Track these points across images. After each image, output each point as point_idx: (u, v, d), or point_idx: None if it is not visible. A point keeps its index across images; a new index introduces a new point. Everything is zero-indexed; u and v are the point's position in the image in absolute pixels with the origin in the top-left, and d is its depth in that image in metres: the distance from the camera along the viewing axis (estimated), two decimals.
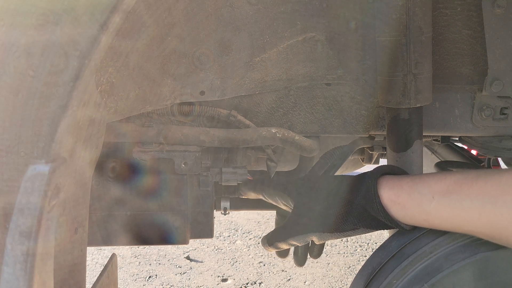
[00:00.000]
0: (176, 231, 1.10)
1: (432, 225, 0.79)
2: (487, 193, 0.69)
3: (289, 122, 1.11)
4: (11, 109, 0.64)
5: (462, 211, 0.72)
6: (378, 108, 1.09)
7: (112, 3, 0.64)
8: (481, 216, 0.69)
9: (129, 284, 2.59)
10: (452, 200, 0.73)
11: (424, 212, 0.77)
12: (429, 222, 0.78)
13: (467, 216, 0.71)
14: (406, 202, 0.80)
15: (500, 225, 0.67)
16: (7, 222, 0.64)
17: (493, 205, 0.68)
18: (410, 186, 0.80)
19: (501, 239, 0.70)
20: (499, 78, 1.02)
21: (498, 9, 0.97)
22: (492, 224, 0.68)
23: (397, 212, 0.81)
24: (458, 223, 0.73)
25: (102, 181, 1.07)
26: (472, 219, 0.70)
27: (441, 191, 0.75)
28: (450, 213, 0.74)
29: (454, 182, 0.75)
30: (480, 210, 0.69)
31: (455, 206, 0.73)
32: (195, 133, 1.06)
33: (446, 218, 0.75)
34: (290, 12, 0.99)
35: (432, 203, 0.75)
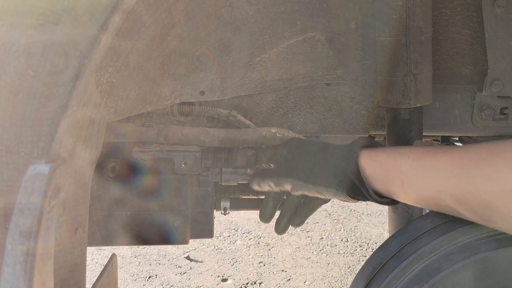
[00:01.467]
0: (176, 231, 1.10)
1: (405, 186, 0.81)
2: (457, 159, 0.75)
3: (289, 122, 1.11)
4: (11, 109, 0.64)
5: (433, 171, 0.77)
6: (378, 108, 1.09)
7: (112, 3, 0.64)
8: (450, 178, 0.74)
9: (129, 284, 2.59)
10: (426, 162, 0.79)
11: (399, 171, 0.81)
12: (403, 182, 0.81)
13: (437, 176, 0.76)
14: (384, 160, 0.84)
15: (464, 187, 0.72)
16: (7, 222, 0.64)
17: (461, 169, 0.73)
18: (391, 148, 0.88)
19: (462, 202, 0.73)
20: (499, 78, 1.02)
21: (498, 9, 0.97)
22: (458, 185, 0.73)
23: (374, 170, 0.85)
24: (428, 183, 0.77)
25: (102, 181, 1.07)
26: (441, 180, 0.75)
27: (417, 152, 0.81)
28: (423, 173, 0.78)
29: (429, 149, 0.81)
30: (449, 173, 0.74)
31: (428, 167, 0.78)
32: (195, 133, 1.06)
33: (418, 178, 0.79)
34: (290, 12, 0.99)
35: (408, 162, 0.80)
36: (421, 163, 0.80)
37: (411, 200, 0.82)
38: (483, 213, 0.71)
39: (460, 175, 0.73)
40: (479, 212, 0.71)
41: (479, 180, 0.70)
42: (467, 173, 0.72)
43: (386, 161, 0.84)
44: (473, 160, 0.72)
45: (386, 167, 0.84)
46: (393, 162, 0.83)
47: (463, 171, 0.73)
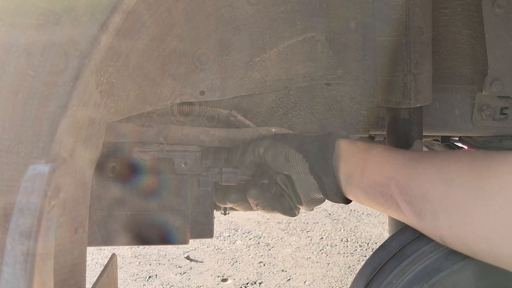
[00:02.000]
0: (176, 231, 1.10)
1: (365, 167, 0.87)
2: (412, 154, 0.82)
3: (289, 122, 1.11)
4: (11, 109, 0.64)
5: (393, 160, 0.84)
6: (378, 108, 1.09)
7: (112, 3, 0.64)
8: (403, 166, 0.80)
9: (129, 284, 2.59)
10: (391, 152, 0.86)
11: (367, 154, 0.88)
12: (364, 164, 0.88)
13: (393, 164, 0.83)
14: (360, 144, 0.93)
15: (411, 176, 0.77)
16: (7, 222, 0.64)
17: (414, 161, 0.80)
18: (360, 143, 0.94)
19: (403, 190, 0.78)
20: (499, 78, 1.02)
21: (498, 9, 0.97)
22: (407, 174, 0.79)
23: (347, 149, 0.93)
24: (384, 168, 0.83)
25: (102, 181, 1.07)
26: (395, 167, 0.81)
27: (379, 147, 0.88)
28: (384, 159, 0.85)
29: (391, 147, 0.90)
30: (404, 162, 0.81)
31: (391, 156, 0.85)
32: (195, 133, 1.06)
33: (378, 163, 0.86)
34: (290, 12, 0.99)
35: (377, 149, 0.88)
36: (386, 152, 0.87)
37: (363, 188, 0.87)
38: (417, 204, 0.75)
39: (412, 164, 0.79)
40: (414, 203, 0.76)
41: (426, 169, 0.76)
42: (418, 163, 0.78)
43: (359, 145, 0.93)
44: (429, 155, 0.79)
45: (358, 148, 0.92)
46: (365, 147, 0.91)
47: (416, 161, 0.79)
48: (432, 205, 0.72)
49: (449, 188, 0.71)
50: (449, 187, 0.71)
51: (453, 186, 0.70)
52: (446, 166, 0.73)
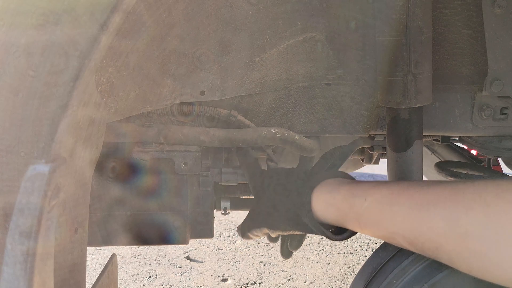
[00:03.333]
0: (176, 231, 1.10)
1: (362, 226, 0.82)
2: (414, 201, 0.73)
3: (289, 122, 1.11)
4: (11, 109, 0.64)
5: (390, 214, 0.76)
6: (378, 108, 1.09)
7: (112, 3, 0.64)
8: (405, 220, 0.73)
9: (129, 284, 2.59)
10: (382, 204, 0.78)
11: (356, 213, 0.81)
12: (360, 223, 0.81)
13: (393, 219, 0.75)
14: (341, 204, 0.84)
15: (420, 230, 0.71)
16: (7, 222, 0.64)
17: (417, 212, 0.72)
18: (347, 189, 0.85)
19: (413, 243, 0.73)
20: (499, 78, 1.02)
21: (498, 9, 0.97)
22: (414, 229, 0.72)
23: (332, 214, 0.86)
24: (384, 225, 0.77)
25: (102, 181, 1.07)
26: (397, 222, 0.75)
27: (374, 194, 0.79)
28: (379, 215, 0.78)
29: (387, 188, 0.79)
30: (404, 215, 0.74)
31: (384, 209, 0.77)
32: (195, 133, 1.06)
33: (375, 220, 0.79)
34: (290, 12, 0.99)
35: (364, 205, 0.79)
36: (377, 205, 0.79)
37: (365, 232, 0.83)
38: (432, 254, 0.72)
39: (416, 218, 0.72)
40: (429, 253, 0.72)
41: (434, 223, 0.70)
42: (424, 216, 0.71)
43: (342, 206, 0.84)
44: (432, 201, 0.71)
45: (342, 211, 0.84)
46: (350, 205, 0.83)
47: (420, 213, 0.72)
48: (449, 256, 0.69)
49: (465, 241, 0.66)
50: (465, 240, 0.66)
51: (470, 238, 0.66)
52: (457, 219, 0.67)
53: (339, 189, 0.87)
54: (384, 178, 3.95)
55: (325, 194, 0.88)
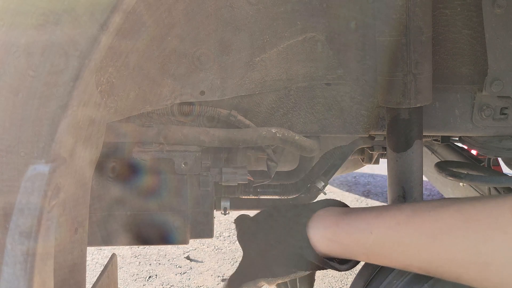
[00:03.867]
0: (176, 231, 1.10)
1: (372, 259, 0.79)
2: (424, 231, 0.71)
3: (289, 122, 1.11)
4: (11, 109, 0.64)
5: (402, 247, 0.73)
6: (378, 108, 1.09)
7: (112, 3, 0.64)
8: (420, 252, 0.71)
9: (129, 284, 2.59)
10: (391, 237, 0.74)
11: (364, 247, 0.77)
12: (369, 257, 0.79)
13: (407, 252, 0.73)
14: (344, 240, 0.80)
15: (438, 262, 0.70)
16: (7, 222, 0.64)
17: (431, 243, 0.70)
18: (347, 223, 0.80)
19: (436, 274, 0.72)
20: (499, 78, 1.02)
21: (498, 9, 0.97)
22: (431, 260, 0.70)
23: (336, 249, 0.81)
24: (397, 258, 0.74)
25: (102, 181, 1.07)
26: (412, 255, 0.72)
27: (379, 226, 0.76)
28: (390, 249, 0.75)
29: (391, 218, 0.76)
30: (419, 248, 0.71)
31: (394, 242, 0.74)
32: (195, 133, 1.06)
33: (386, 254, 0.76)
34: (290, 12, 0.99)
35: (371, 238, 0.76)
36: (386, 238, 0.75)
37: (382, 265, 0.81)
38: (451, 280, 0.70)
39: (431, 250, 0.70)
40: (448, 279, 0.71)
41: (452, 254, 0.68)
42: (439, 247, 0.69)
43: (347, 241, 0.80)
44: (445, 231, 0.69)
45: (348, 247, 0.80)
46: (355, 241, 0.79)
47: (434, 245, 0.69)
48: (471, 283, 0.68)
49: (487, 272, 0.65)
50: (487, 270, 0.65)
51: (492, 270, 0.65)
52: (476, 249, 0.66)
53: (338, 223, 0.82)
54: (384, 178, 3.94)
55: (323, 230, 0.83)
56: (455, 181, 1.26)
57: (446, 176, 1.22)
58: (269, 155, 1.17)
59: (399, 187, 1.01)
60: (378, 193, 3.68)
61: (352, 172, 3.87)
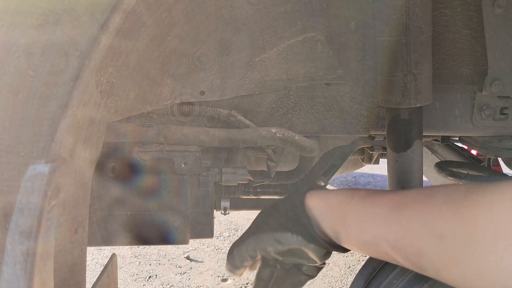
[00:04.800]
0: (176, 231, 1.10)
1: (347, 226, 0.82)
2: (393, 204, 0.75)
3: (289, 122, 1.11)
4: (11, 109, 0.64)
5: (372, 214, 0.78)
6: (378, 108, 1.09)
7: (112, 3, 0.64)
8: (386, 223, 0.75)
9: (129, 284, 2.59)
10: (367, 204, 0.80)
11: (343, 211, 0.83)
12: (345, 222, 0.82)
13: (375, 219, 0.77)
14: (330, 199, 0.87)
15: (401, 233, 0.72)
16: (7, 222, 0.64)
17: (396, 214, 0.74)
18: (337, 190, 0.89)
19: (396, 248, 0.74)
20: (499, 78, 1.02)
21: (498, 9, 0.96)
22: (393, 231, 0.74)
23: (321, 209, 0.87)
24: (366, 226, 0.78)
25: (102, 181, 1.07)
26: (378, 224, 0.76)
27: (361, 195, 0.82)
28: (362, 215, 0.80)
29: (369, 191, 0.83)
30: (386, 217, 0.75)
31: (368, 209, 0.79)
32: (195, 133, 1.06)
33: (358, 220, 0.80)
34: (290, 12, 0.99)
35: (351, 203, 0.82)
36: (362, 204, 0.80)
37: (354, 244, 0.82)
38: (415, 260, 0.71)
39: (395, 220, 0.73)
40: (412, 259, 0.72)
41: (412, 226, 0.71)
42: (401, 218, 0.72)
43: (332, 200, 0.86)
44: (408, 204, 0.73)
45: (332, 206, 0.85)
46: (338, 201, 0.84)
47: (398, 216, 0.73)
48: (430, 260, 0.69)
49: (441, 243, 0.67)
50: (442, 242, 0.67)
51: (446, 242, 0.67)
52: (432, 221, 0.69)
53: (329, 191, 0.90)
54: (384, 178, 3.95)
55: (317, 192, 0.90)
56: (455, 181, 1.26)
57: (446, 176, 1.22)
58: (269, 155, 1.18)
59: (399, 187, 1.01)
60: None
61: (352, 172, 3.86)
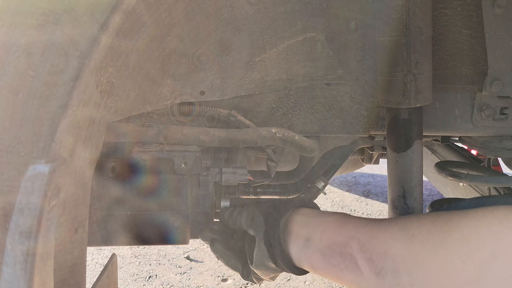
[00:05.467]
0: (176, 231, 1.10)
1: (325, 230, 0.87)
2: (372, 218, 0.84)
3: (289, 122, 1.11)
4: (11, 109, 0.64)
5: (353, 221, 0.85)
6: (378, 108, 1.09)
7: (112, 3, 0.64)
8: (365, 225, 0.81)
9: (129, 284, 2.59)
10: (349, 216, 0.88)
11: (325, 221, 0.88)
12: (324, 227, 0.87)
13: (356, 224, 0.83)
14: (317, 212, 0.94)
15: (375, 232, 0.78)
16: (7, 222, 0.64)
17: (378, 221, 0.81)
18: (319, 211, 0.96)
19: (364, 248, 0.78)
20: (499, 78, 1.02)
21: (498, 9, 0.96)
22: (369, 231, 0.79)
23: (299, 223, 0.92)
24: (345, 229, 0.84)
25: (102, 181, 1.07)
26: (357, 226, 0.82)
27: (338, 211, 0.94)
28: (343, 222, 0.86)
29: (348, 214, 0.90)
30: (366, 223, 0.82)
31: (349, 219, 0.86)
32: (195, 133, 1.06)
33: (338, 225, 0.86)
34: (290, 12, 0.99)
35: (335, 215, 0.89)
36: (346, 215, 0.88)
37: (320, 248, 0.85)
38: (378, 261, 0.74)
39: (374, 224, 0.79)
40: (375, 260, 0.74)
41: (388, 227, 0.76)
42: (381, 222, 0.78)
43: (314, 213, 0.93)
44: (392, 219, 0.80)
45: (320, 213, 0.93)
46: (320, 214, 0.92)
47: (381, 221, 0.79)
48: (394, 262, 0.71)
49: (411, 244, 0.70)
50: (411, 243, 0.70)
51: (415, 242, 0.69)
52: (409, 223, 0.73)
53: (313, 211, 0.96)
54: (384, 178, 3.94)
55: (304, 209, 0.96)
56: (455, 181, 1.26)
57: (446, 176, 1.22)
58: (269, 155, 1.17)
59: (399, 187, 1.01)
60: (378, 193, 3.68)
61: (352, 172, 3.86)
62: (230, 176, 1.11)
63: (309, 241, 0.87)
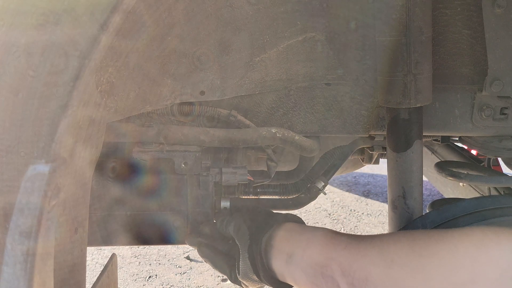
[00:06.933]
0: (176, 231, 1.10)
1: (306, 247, 0.87)
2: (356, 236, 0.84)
3: (289, 122, 1.11)
4: (11, 109, 0.64)
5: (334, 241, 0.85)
6: (378, 108, 1.09)
7: (112, 3, 0.64)
8: (345, 247, 0.82)
9: (129, 284, 2.59)
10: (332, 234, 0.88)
11: (307, 239, 0.88)
12: (306, 244, 0.88)
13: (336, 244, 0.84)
14: (301, 228, 0.94)
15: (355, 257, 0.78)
16: (7, 222, 0.64)
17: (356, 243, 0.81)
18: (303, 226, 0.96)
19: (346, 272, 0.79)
20: (499, 78, 1.02)
21: (498, 9, 0.96)
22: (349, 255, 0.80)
23: (282, 238, 0.93)
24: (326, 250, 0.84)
25: (102, 181, 1.07)
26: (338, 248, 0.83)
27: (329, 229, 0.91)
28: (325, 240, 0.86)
29: None
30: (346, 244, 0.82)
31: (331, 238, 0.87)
32: (195, 133, 1.06)
33: (320, 243, 0.86)
34: (290, 12, 0.99)
35: (318, 233, 0.89)
36: (331, 233, 0.88)
37: (303, 266, 0.86)
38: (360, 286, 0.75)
39: (354, 246, 0.79)
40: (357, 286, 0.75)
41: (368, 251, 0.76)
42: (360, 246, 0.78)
43: (297, 229, 0.94)
44: (373, 236, 0.79)
45: (304, 229, 0.93)
46: (303, 230, 0.93)
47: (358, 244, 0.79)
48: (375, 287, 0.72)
49: (390, 270, 0.71)
50: (391, 269, 0.71)
51: (395, 268, 0.70)
52: (387, 248, 0.73)
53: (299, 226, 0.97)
54: (384, 178, 3.94)
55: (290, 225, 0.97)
56: (455, 181, 1.26)
57: (446, 176, 1.22)
58: (269, 155, 1.17)
59: (399, 187, 1.01)
60: (378, 193, 3.68)
61: (352, 172, 3.87)
62: (230, 176, 1.11)
63: (291, 257, 0.88)
